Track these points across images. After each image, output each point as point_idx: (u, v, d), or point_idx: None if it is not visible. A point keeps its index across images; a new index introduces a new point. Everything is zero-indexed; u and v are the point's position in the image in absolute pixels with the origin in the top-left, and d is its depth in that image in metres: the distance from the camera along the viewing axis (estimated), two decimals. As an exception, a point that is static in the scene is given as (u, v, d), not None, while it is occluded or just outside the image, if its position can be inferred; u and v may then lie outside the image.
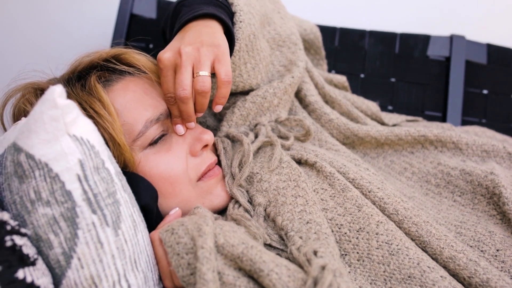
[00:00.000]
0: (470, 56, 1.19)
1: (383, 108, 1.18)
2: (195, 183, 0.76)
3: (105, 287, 0.55)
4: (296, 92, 0.98)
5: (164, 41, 0.97)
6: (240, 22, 0.82)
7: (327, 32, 1.21)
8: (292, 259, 0.66)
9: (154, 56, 0.79)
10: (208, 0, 0.81)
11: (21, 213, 0.56)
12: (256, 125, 0.89)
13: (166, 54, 0.71)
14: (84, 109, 0.70)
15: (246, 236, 0.64)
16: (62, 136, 0.56)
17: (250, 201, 0.77)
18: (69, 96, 0.72)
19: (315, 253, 0.63)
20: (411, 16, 1.35)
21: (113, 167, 0.61)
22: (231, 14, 0.83)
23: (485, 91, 1.19)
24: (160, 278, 0.65)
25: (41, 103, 0.55)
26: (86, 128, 0.59)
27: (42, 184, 0.55)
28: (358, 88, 1.19)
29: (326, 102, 1.01)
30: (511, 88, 1.19)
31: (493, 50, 1.20)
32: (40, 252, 0.56)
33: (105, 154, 0.60)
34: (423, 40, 1.20)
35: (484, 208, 0.84)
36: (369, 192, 0.78)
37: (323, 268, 0.58)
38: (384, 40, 1.21)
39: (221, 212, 0.80)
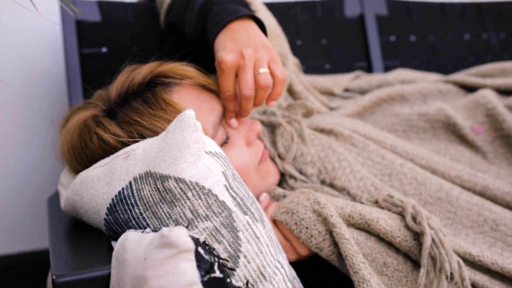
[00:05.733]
0: (378, 10, 1.41)
1: (322, 67, 1.35)
2: (258, 167, 0.84)
3: (270, 272, 0.63)
4: None
5: (171, 35, 0.99)
6: (261, 19, 0.88)
7: (259, 7, 1.32)
8: None
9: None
10: None
11: (180, 233, 0.61)
12: (264, 111, 0.98)
13: (229, 56, 0.75)
14: (160, 127, 0.72)
15: (340, 199, 0.77)
16: (202, 155, 0.61)
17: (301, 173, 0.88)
18: (135, 115, 0.73)
19: (391, 197, 0.78)
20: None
21: (235, 171, 0.67)
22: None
23: (392, 38, 1.43)
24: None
25: (180, 129, 0.59)
26: (211, 142, 0.64)
27: (197, 202, 0.60)
28: (298, 54, 1.34)
29: None
30: (409, 32, 1.45)
31: (391, 2, 1.44)
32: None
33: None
34: (339, 3, 1.39)
35: (444, 137, 1.06)
36: (380, 142, 0.95)
37: (412, 205, 0.74)
38: (307, 8, 1.37)
39: None
